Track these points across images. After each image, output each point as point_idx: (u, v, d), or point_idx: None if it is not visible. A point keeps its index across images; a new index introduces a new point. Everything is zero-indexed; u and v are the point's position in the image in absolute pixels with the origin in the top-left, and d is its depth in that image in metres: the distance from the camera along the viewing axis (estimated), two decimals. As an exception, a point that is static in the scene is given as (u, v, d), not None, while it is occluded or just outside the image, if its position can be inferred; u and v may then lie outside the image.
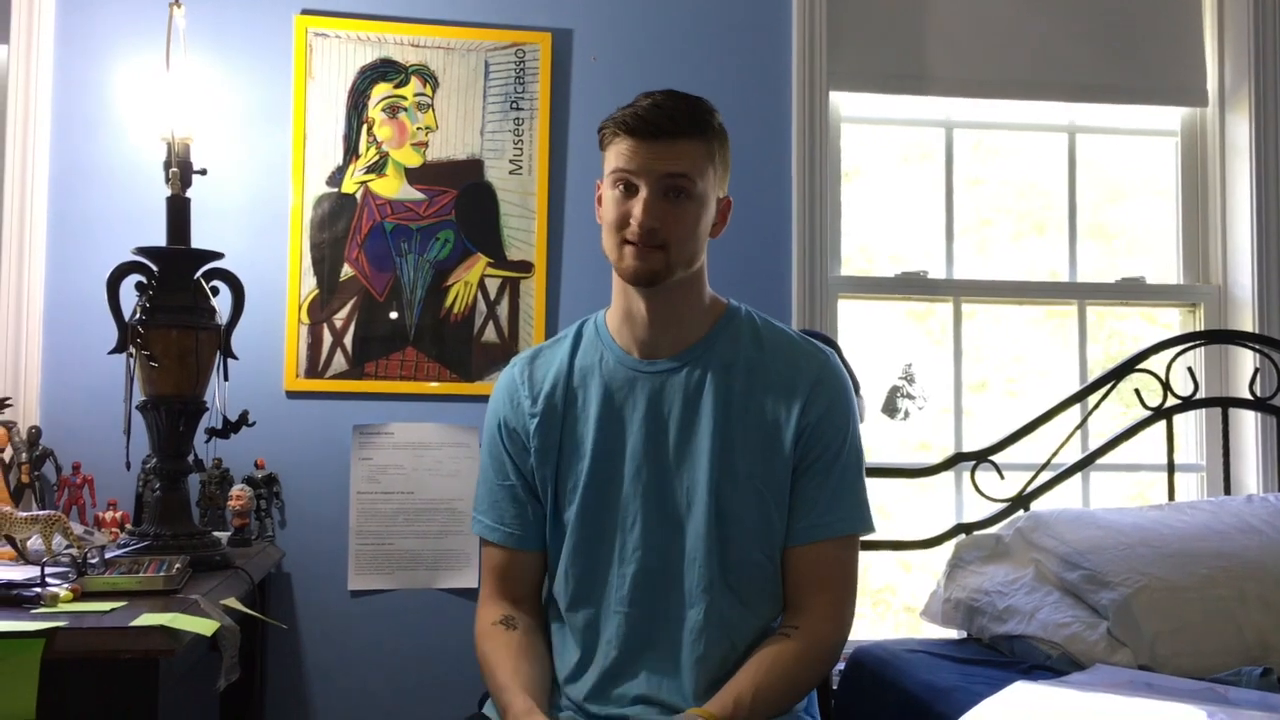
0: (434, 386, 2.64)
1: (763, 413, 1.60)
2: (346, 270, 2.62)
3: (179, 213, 2.08)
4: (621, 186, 1.56)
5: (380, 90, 2.65)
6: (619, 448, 1.62)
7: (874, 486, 1.96)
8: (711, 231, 1.64)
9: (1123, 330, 3.12)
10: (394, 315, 2.63)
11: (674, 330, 1.63)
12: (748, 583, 1.59)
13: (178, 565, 1.79)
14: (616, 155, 1.57)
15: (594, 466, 1.62)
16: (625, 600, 1.59)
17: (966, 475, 2.73)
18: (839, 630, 1.60)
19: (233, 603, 1.76)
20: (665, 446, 1.61)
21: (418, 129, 2.66)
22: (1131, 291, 3.04)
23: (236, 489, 2.41)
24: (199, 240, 2.12)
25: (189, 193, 2.10)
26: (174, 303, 2.00)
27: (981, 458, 2.70)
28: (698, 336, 1.64)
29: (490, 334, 2.66)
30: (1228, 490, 2.80)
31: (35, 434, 2.41)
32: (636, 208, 1.54)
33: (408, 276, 2.64)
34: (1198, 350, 2.88)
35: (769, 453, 1.59)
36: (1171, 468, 2.76)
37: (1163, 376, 2.74)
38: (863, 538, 1.67)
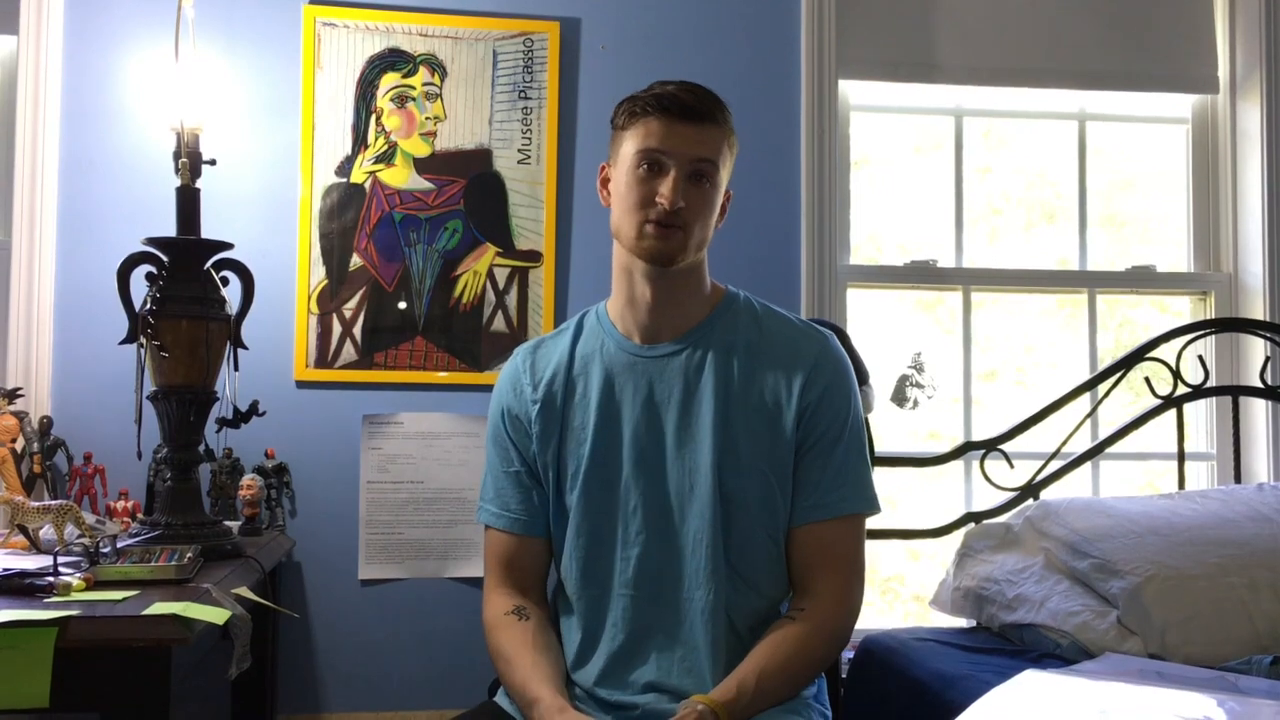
0: (443, 376, 2.65)
1: (763, 394, 1.61)
2: (355, 260, 2.62)
3: (189, 203, 2.08)
4: (646, 165, 1.56)
5: (389, 80, 2.65)
6: (620, 432, 1.63)
7: (883, 475, 1.97)
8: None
9: (1133, 319, 3.11)
10: (403, 305, 2.64)
11: (675, 315, 1.64)
12: (753, 565, 1.59)
13: (189, 554, 1.80)
14: (645, 134, 1.56)
15: (595, 451, 1.62)
16: (630, 583, 1.60)
17: (976, 464, 2.73)
18: (846, 612, 1.60)
19: (244, 591, 1.77)
20: (666, 430, 1.61)
21: (426, 119, 2.66)
22: (1142, 280, 3.03)
23: (247, 478, 2.42)
24: (209, 230, 2.12)
25: (198, 183, 2.10)
26: (184, 293, 2.01)
27: (991, 447, 2.70)
28: (697, 320, 1.65)
29: (499, 323, 2.66)
30: (1238, 479, 2.80)
31: (47, 424, 2.42)
32: (664, 186, 1.55)
33: (416, 266, 2.64)
34: (1208, 338, 2.88)
35: (771, 434, 1.59)
36: (1182, 456, 2.76)
37: (1173, 365, 2.73)
38: (871, 524, 1.67)
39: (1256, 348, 2.90)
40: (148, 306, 1.98)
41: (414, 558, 2.61)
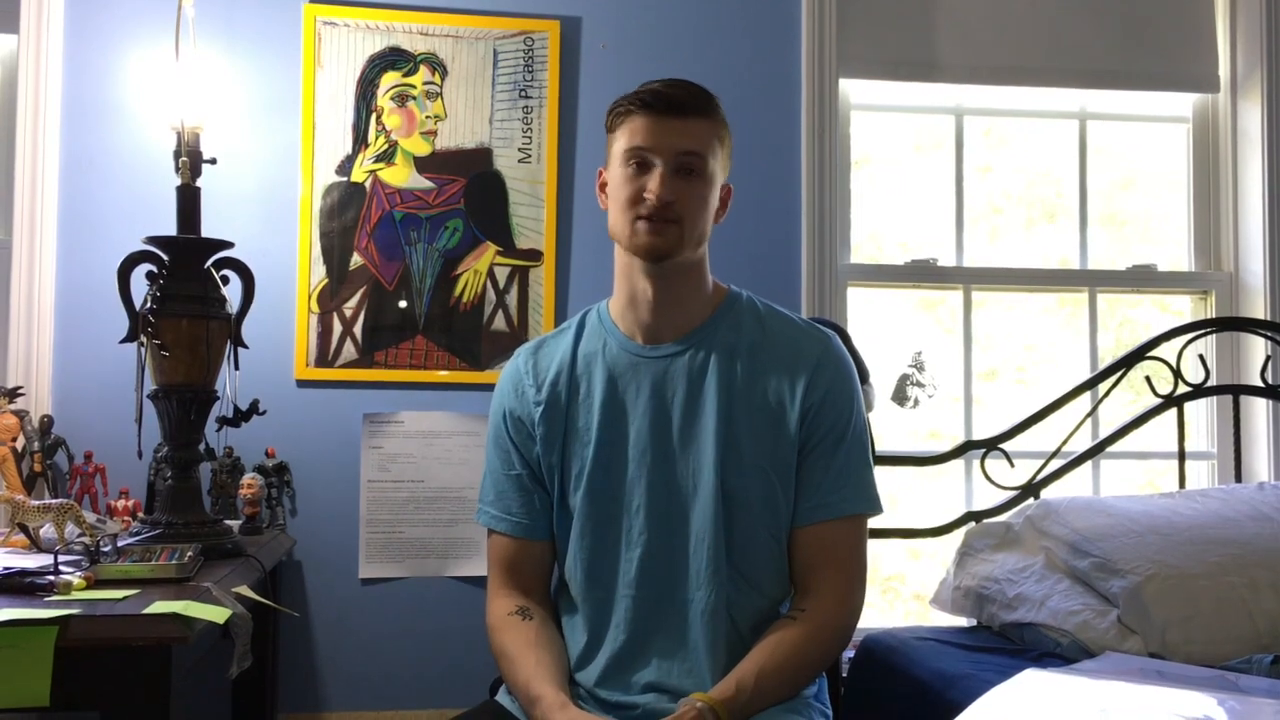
0: (443, 375, 2.65)
1: (766, 394, 1.61)
2: (356, 259, 2.62)
3: (189, 202, 2.08)
4: (635, 164, 1.57)
5: (389, 79, 2.65)
6: (623, 432, 1.63)
7: (884, 474, 1.96)
8: (714, 217, 1.65)
9: (1134, 318, 3.11)
10: (403, 304, 2.63)
11: (677, 314, 1.64)
12: (755, 564, 1.59)
13: (190, 553, 1.80)
14: (630, 134, 1.58)
15: (599, 451, 1.62)
16: (633, 584, 1.60)
17: (976, 463, 2.73)
18: (847, 613, 1.60)
19: (244, 590, 1.77)
20: (669, 430, 1.61)
21: (426, 118, 2.66)
22: (1143, 279, 3.03)
23: (247, 477, 2.42)
24: (209, 229, 2.12)
25: (199, 182, 2.10)
26: (185, 292, 2.01)
27: (991, 446, 2.69)
28: (700, 321, 1.65)
29: (499, 323, 2.66)
30: (1239, 478, 2.80)
31: (47, 423, 2.42)
32: (652, 182, 1.55)
33: (417, 265, 2.64)
34: (1209, 337, 2.87)
35: (774, 434, 1.59)
36: (1182, 455, 2.76)
37: (1174, 364, 2.73)
38: (872, 524, 1.67)
39: (1257, 347, 2.89)
40: (148, 305, 1.98)
41: (414, 557, 2.61)
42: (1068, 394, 2.73)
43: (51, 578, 1.64)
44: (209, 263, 2.07)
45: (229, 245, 2.10)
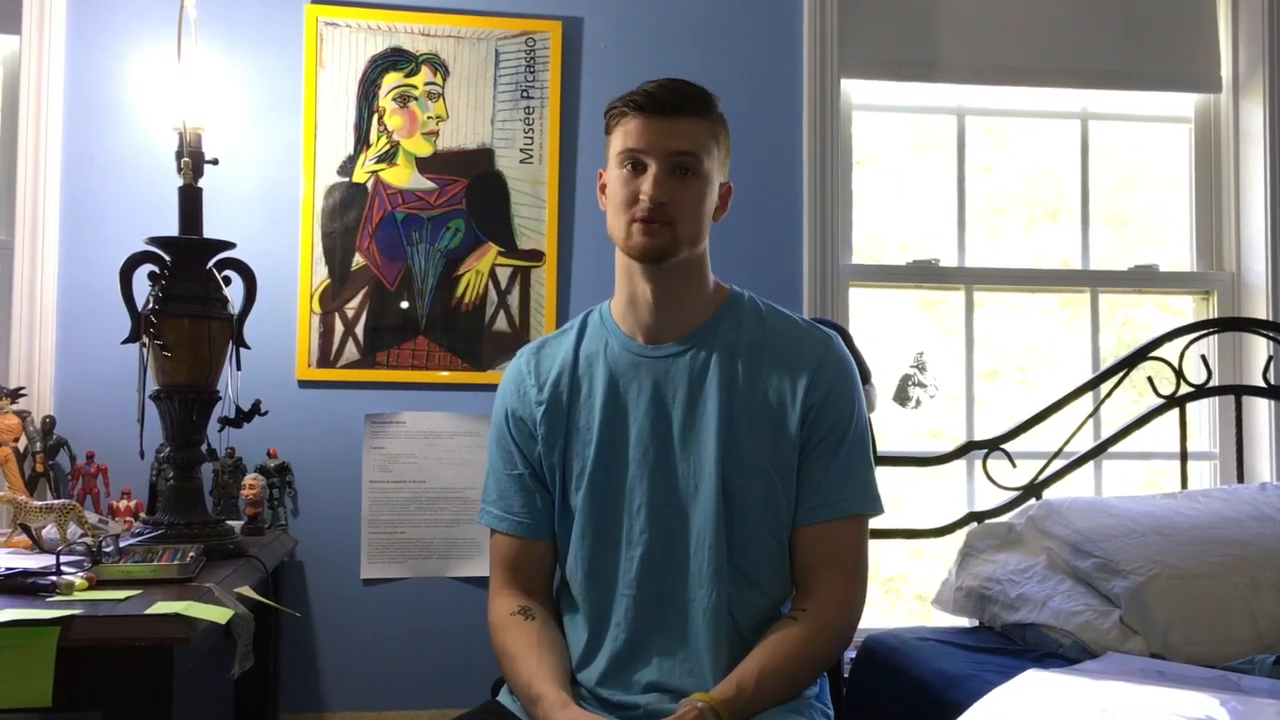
0: (445, 376, 2.65)
1: (767, 394, 1.61)
2: (358, 260, 2.62)
3: (191, 202, 2.08)
4: (629, 165, 1.58)
5: (391, 79, 2.65)
6: (624, 432, 1.63)
7: (885, 475, 1.97)
8: (713, 215, 1.65)
9: (1136, 318, 3.11)
10: (405, 305, 2.64)
11: (678, 314, 1.64)
12: (756, 564, 1.59)
13: (191, 554, 1.80)
14: (624, 135, 1.58)
15: (600, 451, 1.62)
16: (633, 583, 1.60)
17: (978, 464, 2.73)
18: (847, 613, 1.60)
19: (246, 591, 1.77)
20: (670, 430, 1.61)
21: (428, 118, 2.66)
22: (1144, 279, 3.03)
23: (249, 478, 2.42)
24: (211, 229, 2.12)
25: (201, 182, 2.10)
26: (187, 292, 2.01)
27: (993, 446, 2.69)
28: (701, 321, 1.65)
29: (501, 323, 2.66)
30: (1241, 478, 2.79)
31: (49, 423, 2.42)
32: (645, 184, 1.56)
33: (419, 266, 2.64)
34: (1211, 338, 2.87)
35: (775, 434, 1.59)
36: (1184, 456, 2.76)
37: (1176, 364, 2.73)
38: (873, 524, 1.67)
39: (1259, 347, 2.89)
40: (150, 306, 1.98)
41: (416, 557, 2.62)
42: (1070, 394, 2.73)
43: (54, 578, 1.64)
44: (211, 263, 2.07)
45: (231, 246, 2.10)
